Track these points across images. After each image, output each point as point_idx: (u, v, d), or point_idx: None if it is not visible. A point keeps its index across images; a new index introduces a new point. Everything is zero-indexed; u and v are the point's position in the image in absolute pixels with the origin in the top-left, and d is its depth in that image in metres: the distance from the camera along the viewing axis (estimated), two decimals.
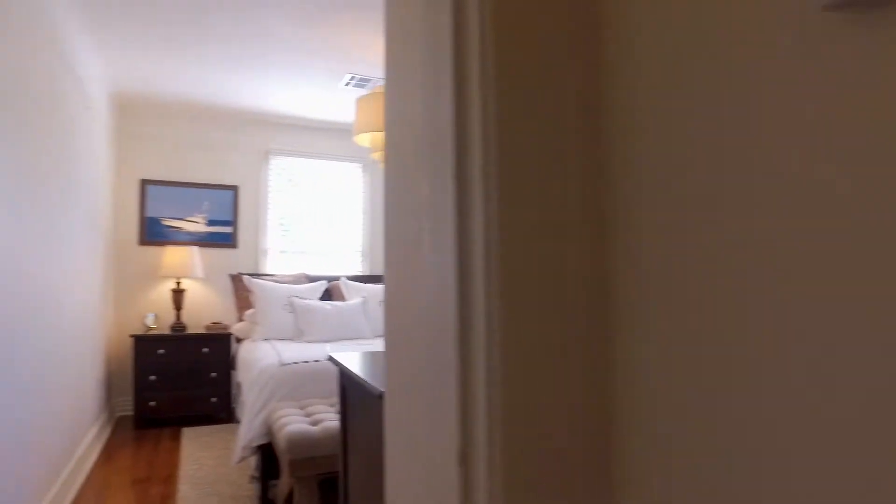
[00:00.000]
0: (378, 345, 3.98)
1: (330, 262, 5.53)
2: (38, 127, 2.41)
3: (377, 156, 3.61)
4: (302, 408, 2.92)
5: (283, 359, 3.29)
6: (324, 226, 5.49)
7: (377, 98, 3.34)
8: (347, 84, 4.25)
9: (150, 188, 4.87)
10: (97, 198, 3.93)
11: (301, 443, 2.49)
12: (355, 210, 5.63)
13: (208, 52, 3.70)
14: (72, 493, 3.06)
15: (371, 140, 3.53)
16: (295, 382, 3.13)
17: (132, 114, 4.82)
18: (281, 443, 2.54)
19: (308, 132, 5.43)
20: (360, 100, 3.43)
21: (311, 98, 4.62)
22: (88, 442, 3.59)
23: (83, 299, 3.43)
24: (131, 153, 4.82)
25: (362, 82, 4.19)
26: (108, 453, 3.77)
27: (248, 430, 2.99)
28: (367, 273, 5.60)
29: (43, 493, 2.55)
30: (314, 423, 2.68)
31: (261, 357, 3.51)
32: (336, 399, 3.07)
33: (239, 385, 4.26)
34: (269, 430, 2.97)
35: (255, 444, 2.94)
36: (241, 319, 4.69)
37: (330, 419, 2.70)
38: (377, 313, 4.84)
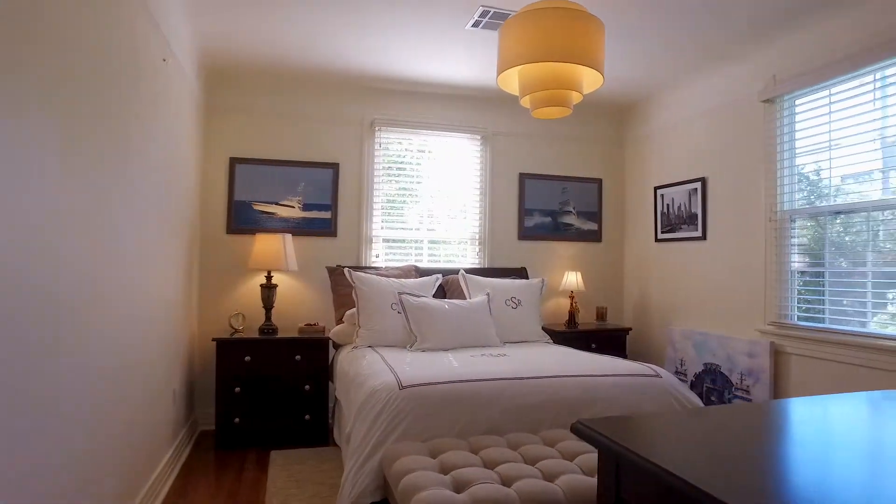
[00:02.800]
0: (514, 355, 2.98)
1: (441, 254, 4.65)
2: (94, 83, 1.66)
3: (527, 102, 2.65)
4: (433, 454, 2.00)
5: (401, 378, 2.40)
6: (435, 210, 4.62)
7: (534, 18, 2.37)
8: (476, 24, 3.32)
9: (240, 168, 4.19)
10: (181, 179, 3.25)
11: None
12: (471, 192, 4.72)
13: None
14: None
15: (520, 80, 2.57)
16: (420, 414, 2.23)
17: (220, 83, 4.17)
18: None
19: (419, 99, 4.58)
20: (507, 23, 2.48)
21: (426, 52, 3.75)
22: (164, 464, 2.89)
23: (158, 296, 2.72)
24: (219, 128, 4.17)
25: (496, 19, 3.25)
26: (184, 481, 3.05)
27: (355, 478, 2.11)
28: (485, 266, 4.67)
29: None
30: (458, 488, 1.75)
31: (369, 373, 2.65)
32: (478, 440, 2.13)
33: (338, 402, 3.45)
34: (385, 482, 2.09)
35: (367, 502, 2.07)
36: (340, 321, 3.90)
37: (480, 479, 1.77)
38: (504, 314, 3.89)
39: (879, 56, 2.88)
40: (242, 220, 4.18)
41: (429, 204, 4.59)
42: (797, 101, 3.44)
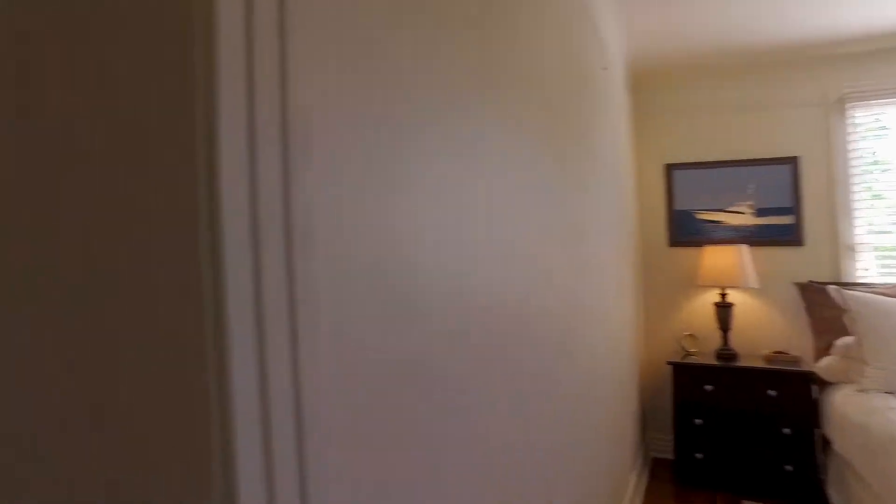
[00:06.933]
0: None
1: None
2: (557, 93, 1.60)
3: None
4: None
5: None
6: None
7: None
8: None
9: (678, 174, 3.85)
10: (622, 189, 3.12)
11: None
12: None
13: None
14: None
15: None
16: None
17: (647, 83, 3.92)
18: None
19: None
20: None
21: None
22: (632, 489, 2.74)
23: (615, 314, 2.60)
24: (651, 134, 3.92)
25: None
26: None
27: None
28: None
29: None
30: None
31: None
32: None
33: (832, 451, 2.73)
34: None
35: None
36: (824, 352, 3.12)
37: None
38: None
39: None
40: (684, 231, 3.82)
41: None
42: None
